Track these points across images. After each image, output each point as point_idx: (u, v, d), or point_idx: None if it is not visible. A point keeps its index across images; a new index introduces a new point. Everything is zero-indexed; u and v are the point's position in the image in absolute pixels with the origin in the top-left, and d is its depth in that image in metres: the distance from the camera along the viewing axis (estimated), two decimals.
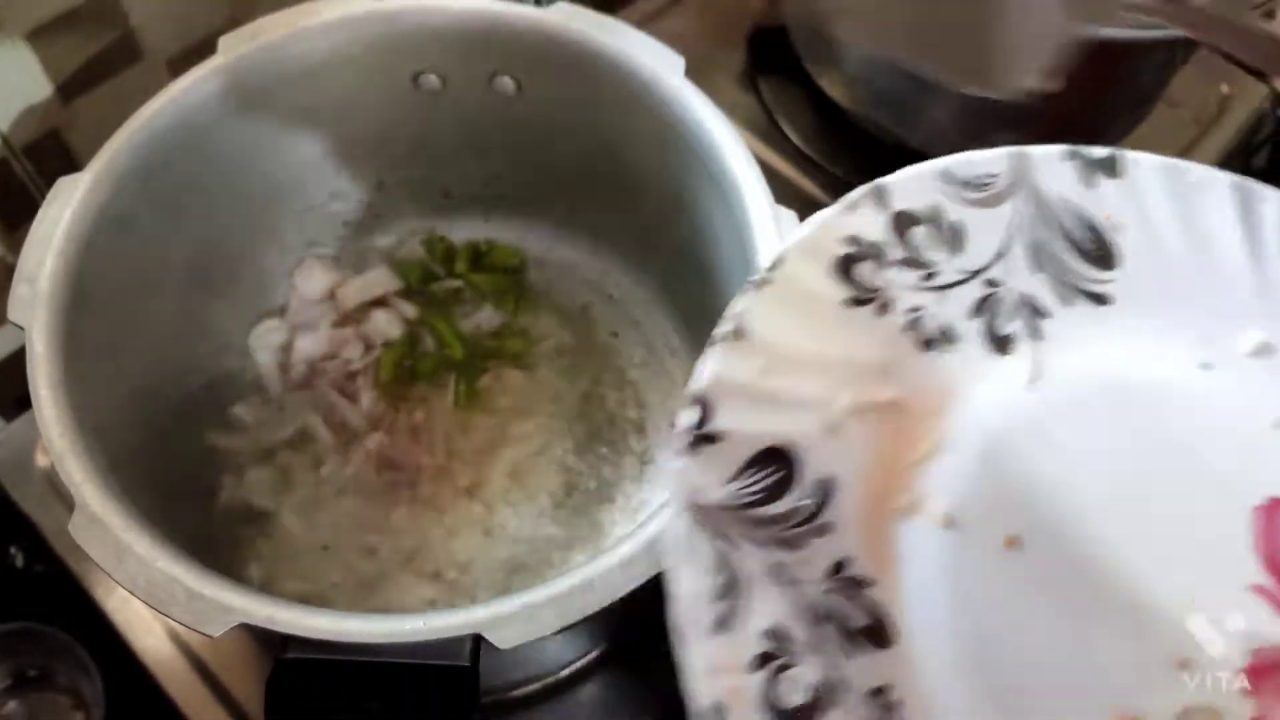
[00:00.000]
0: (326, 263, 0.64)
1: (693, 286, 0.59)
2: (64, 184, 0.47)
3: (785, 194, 0.48)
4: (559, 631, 0.38)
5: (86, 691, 0.73)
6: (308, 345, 0.61)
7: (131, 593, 0.38)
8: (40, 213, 0.46)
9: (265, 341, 0.62)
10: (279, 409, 0.61)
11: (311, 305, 0.63)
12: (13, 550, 0.80)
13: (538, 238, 0.67)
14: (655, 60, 0.51)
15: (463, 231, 0.67)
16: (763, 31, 0.81)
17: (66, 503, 0.58)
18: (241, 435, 0.60)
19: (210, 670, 0.56)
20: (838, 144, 0.77)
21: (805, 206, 0.44)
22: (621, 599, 0.38)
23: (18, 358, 0.71)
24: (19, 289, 0.44)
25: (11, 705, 0.74)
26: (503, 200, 0.66)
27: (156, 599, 0.38)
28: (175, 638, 0.57)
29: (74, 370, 0.44)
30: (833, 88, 0.73)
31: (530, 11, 0.52)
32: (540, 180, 0.64)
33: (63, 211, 0.46)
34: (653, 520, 0.40)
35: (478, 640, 0.38)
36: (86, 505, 0.39)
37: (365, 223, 0.65)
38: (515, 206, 0.66)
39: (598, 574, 0.39)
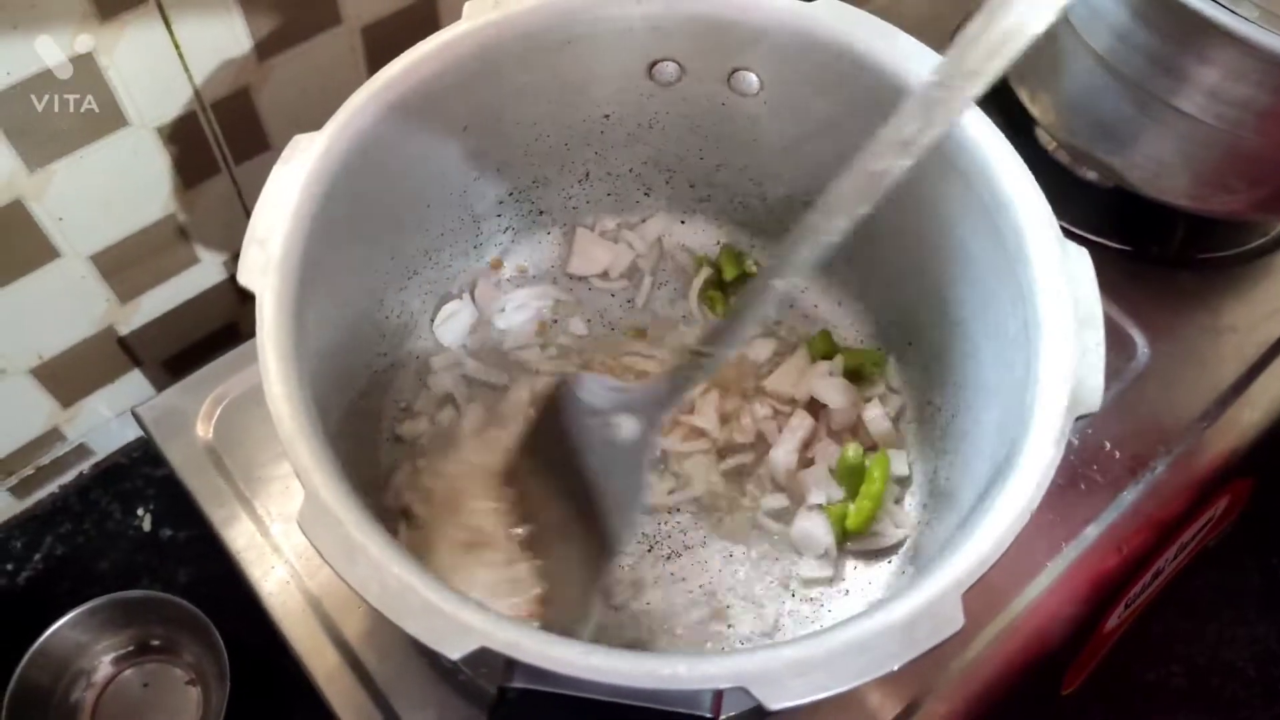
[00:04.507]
0: (519, 250, 0.61)
1: (916, 312, 0.55)
2: (300, 141, 0.43)
3: None
4: (828, 695, 0.33)
5: (208, 668, 0.70)
6: (491, 334, 0.58)
7: (362, 597, 0.34)
8: (274, 170, 0.43)
9: (450, 325, 0.58)
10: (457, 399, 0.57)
11: (501, 291, 0.60)
12: (140, 512, 0.78)
13: (731, 243, 0.63)
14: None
15: (654, 231, 0.63)
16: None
17: (230, 480, 0.57)
18: (418, 422, 0.56)
19: (368, 674, 0.52)
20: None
21: None
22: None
23: (168, 319, 0.70)
24: (250, 251, 0.41)
25: (129, 673, 0.71)
26: (704, 203, 0.62)
27: (390, 607, 0.34)
28: (330, 630, 0.53)
29: (298, 344, 0.40)
30: (1045, 113, 0.68)
31: (793, 5, 0.48)
32: (752, 186, 0.60)
33: (299, 170, 0.42)
34: (928, 576, 0.36)
35: (721, 693, 0.34)
36: (316, 493, 0.36)
37: (561, 213, 0.62)
38: (716, 210, 0.62)
39: (873, 634, 0.34)
